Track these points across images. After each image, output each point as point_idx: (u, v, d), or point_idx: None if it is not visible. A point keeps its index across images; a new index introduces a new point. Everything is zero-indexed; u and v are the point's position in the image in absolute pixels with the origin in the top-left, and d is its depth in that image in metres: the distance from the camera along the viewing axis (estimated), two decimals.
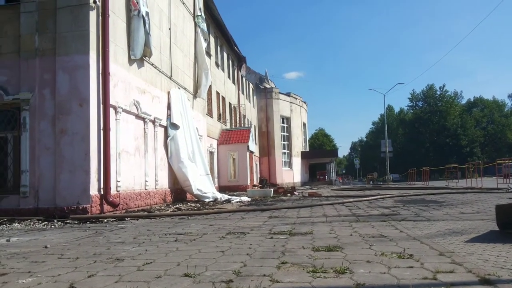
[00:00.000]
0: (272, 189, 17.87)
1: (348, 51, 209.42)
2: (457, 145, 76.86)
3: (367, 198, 11.98)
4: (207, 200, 13.70)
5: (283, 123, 42.51)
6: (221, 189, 22.19)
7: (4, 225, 7.89)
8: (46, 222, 8.04)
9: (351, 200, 11.58)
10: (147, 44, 11.18)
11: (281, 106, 42.12)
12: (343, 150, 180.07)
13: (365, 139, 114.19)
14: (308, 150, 51.06)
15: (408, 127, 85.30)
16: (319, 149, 77.49)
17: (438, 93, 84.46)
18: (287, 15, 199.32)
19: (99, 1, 9.32)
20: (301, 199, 13.77)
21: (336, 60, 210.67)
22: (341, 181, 57.08)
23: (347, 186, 33.50)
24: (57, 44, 9.06)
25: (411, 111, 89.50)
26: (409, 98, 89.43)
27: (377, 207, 9.26)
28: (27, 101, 9.05)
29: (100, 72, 9.24)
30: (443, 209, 8.01)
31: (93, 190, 8.77)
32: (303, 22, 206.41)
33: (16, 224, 8.02)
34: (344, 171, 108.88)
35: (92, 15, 9.13)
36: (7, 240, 5.75)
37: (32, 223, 8.07)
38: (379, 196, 12.47)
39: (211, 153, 22.99)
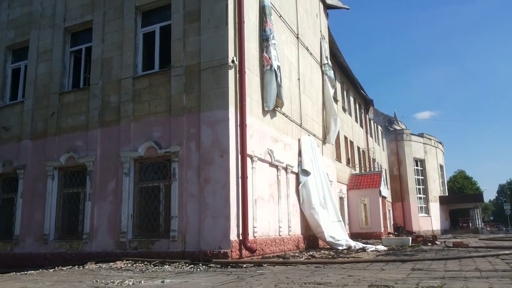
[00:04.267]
0: (410, 238, 16.67)
1: (486, 83, 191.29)
2: None
3: None
4: (340, 248, 13.36)
5: (417, 165, 39.99)
6: (353, 236, 21.45)
7: (157, 267, 8.70)
8: (192, 265, 8.66)
9: (507, 252, 10.17)
10: (279, 95, 11.78)
11: (414, 148, 39.85)
12: (489, 194, 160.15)
13: None
14: (447, 194, 46.83)
15: None
16: (460, 193, 70.48)
17: None
18: (411, 54, 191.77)
19: (236, 60, 10.21)
20: (445, 250, 12.56)
21: (473, 95, 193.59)
22: (489, 229, 50.68)
23: (497, 235, 29.56)
24: (201, 102, 10.08)
25: None
26: None
27: None
28: (176, 153, 10.12)
29: (238, 125, 9.97)
30: None
31: (233, 236, 9.25)
32: (429, 59, 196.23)
33: (167, 266, 8.78)
34: (491, 218, 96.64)
35: (231, 74, 10.02)
36: (161, 282, 6.31)
37: (180, 265, 8.76)
38: None
39: (341, 198, 22.60)
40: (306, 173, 13.75)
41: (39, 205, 11.77)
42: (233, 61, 10.08)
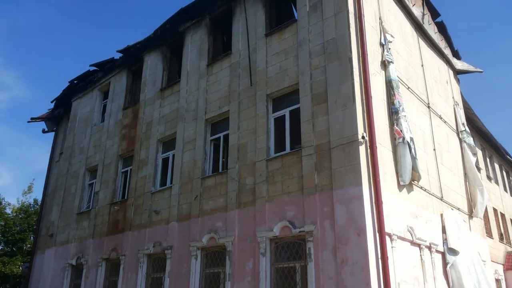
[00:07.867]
0: None
1: None
2: None
3: None
4: None
5: None
6: None
7: None
8: None
9: None
10: (414, 168, 11.18)
11: None
12: None
13: None
14: None
15: None
16: None
17: None
18: None
19: (366, 136, 10.12)
20: None
21: None
22: None
23: None
24: (333, 179, 10.04)
25: None
26: None
27: None
28: (310, 232, 10.03)
29: (373, 201, 9.61)
30: None
31: None
32: None
33: None
34: None
35: (362, 149, 9.91)
36: None
37: None
38: None
39: (497, 281, 19.57)
40: (453, 252, 12.36)
41: (183, 285, 12.46)
42: (363, 137, 10.00)
